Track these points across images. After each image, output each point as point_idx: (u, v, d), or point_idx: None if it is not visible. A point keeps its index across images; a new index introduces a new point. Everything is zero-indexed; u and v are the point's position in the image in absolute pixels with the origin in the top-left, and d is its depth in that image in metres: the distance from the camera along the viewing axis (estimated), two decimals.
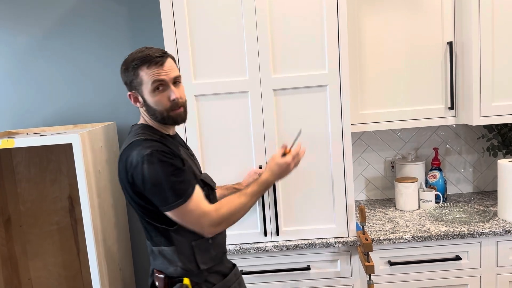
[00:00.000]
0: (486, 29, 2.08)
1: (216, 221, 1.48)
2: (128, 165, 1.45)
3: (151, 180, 1.41)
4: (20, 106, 2.55)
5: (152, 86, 1.46)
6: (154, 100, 1.48)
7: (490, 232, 1.99)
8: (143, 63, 1.46)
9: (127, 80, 1.50)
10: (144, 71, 1.46)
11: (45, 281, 2.59)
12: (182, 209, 1.44)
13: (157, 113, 1.50)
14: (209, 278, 1.57)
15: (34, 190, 2.52)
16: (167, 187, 1.41)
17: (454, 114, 2.23)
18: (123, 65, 1.50)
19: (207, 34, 1.93)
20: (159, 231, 1.52)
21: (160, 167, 1.41)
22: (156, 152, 1.42)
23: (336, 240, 2.01)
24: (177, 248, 1.52)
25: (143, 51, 1.48)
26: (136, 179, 1.44)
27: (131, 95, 1.52)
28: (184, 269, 1.53)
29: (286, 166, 1.66)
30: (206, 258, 1.55)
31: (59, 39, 2.49)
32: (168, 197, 1.42)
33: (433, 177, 2.46)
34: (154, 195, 1.44)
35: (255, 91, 1.95)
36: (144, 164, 1.41)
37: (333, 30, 1.91)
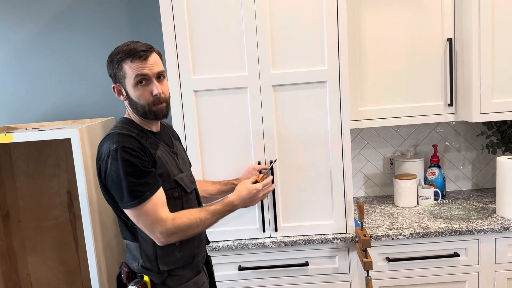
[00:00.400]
0: (486, 26, 2.07)
1: (170, 230, 1.45)
2: (98, 157, 1.48)
3: (111, 176, 1.42)
4: (19, 101, 2.54)
5: (135, 80, 1.46)
6: (136, 94, 1.47)
7: (488, 229, 1.99)
8: (127, 56, 1.45)
9: (112, 73, 1.50)
10: (128, 64, 1.45)
11: (43, 276, 2.59)
12: (136, 211, 1.43)
13: (139, 107, 1.49)
14: (168, 281, 1.53)
15: (32, 185, 2.52)
16: (124, 185, 1.41)
17: (453, 111, 2.23)
18: (108, 58, 1.50)
19: (207, 29, 1.92)
20: (126, 226, 1.53)
21: (121, 165, 1.40)
22: (122, 149, 1.41)
23: (334, 236, 2.01)
24: (140, 245, 1.52)
25: (128, 45, 1.48)
26: (101, 171, 1.46)
27: (115, 88, 1.52)
28: (144, 267, 1.52)
29: (255, 192, 1.68)
30: (168, 260, 1.52)
31: (57, 34, 2.48)
32: (124, 196, 1.42)
33: (432, 174, 2.46)
34: (113, 191, 1.45)
35: (254, 87, 1.95)
36: (109, 158, 1.42)
37: (332, 26, 1.90)
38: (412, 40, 2.19)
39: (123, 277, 1.58)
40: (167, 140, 1.64)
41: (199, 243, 1.62)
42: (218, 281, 2.04)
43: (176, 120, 1.97)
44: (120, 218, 1.54)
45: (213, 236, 2.05)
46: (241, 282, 2.07)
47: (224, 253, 2.05)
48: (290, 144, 1.99)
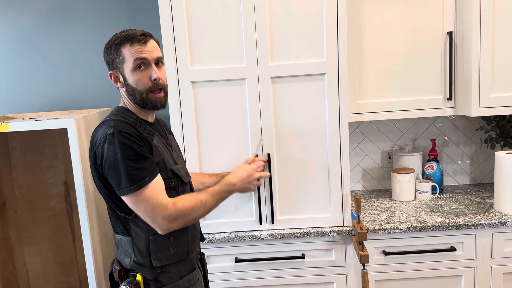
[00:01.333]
0: (486, 20, 2.06)
1: (173, 215, 1.41)
2: (93, 144, 1.44)
3: (108, 161, 1.38)
4: (16, 91, 2.53)
5: (134, 64, 1.44)
6: (135, 79, 1.45)
7: (485, 224, 1.99)
8: (126, 40, 1.44)
9: (109, 59, 1.48)
10: (127, 48, 1.43)
11: (40, 266, 2.59)
12: (136, 196, 1.39)
13: (136, 93, 1.47)
14: (160, 277, 1.50)
15: (29, 175, 2.51)
16: (122, 170, 1.37)
17: (452, 105, 2.22)
18: (106, 45, 1.49)
19: (205, 20, 1.91)
20: (119, 219, 1.49)
21: (119, 149, 1.37)
22: (119, 133, 1.38)
23: (331, 229, 2.01)
24: (133, 240, 1.48)
25: (126, 31, 1.47)
26: (97, 157, 1.41)
27: (112, 74, 1.49)
28: (136, 262, 1.48)
29: (251, 170, 1.71)
30: (162, 255, 1.49)
31: (55, 24, 2.47)
32: (122, 181, 1.38)
33: (430, 168, 2.45)
34: (110, 177, 1.40)
35: (253, 78, 1.93)
36: (105, 143, 1.38)
37: (332, 18, 1.89)
38: (412, 33, 2.18)
39: (115, 275, 1.54)
40: (162, 132, 1.62)
41: (193, 239, 1.60)
42: (215, 273, 2.05)
43: (173, 111, 1.95)
44: (112, 211, 1.50)
45: (210, 228, 2.05)
46: (237, 274, 2.07)
47: (221, 245, 2.05)
48: (287, 137, 1.98)
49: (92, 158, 1.44)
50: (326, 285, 2.07)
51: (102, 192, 1.50)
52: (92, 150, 1.44)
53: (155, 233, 1.47)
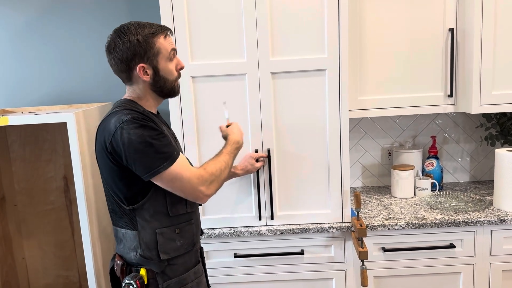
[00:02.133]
0: (488, 16, 2.05)
1: (208, 179, 1.46)
2: (106, 135, 1.40)
3: (133, 146, 1.36)
4: (16, 85, 2.52)
5: (170, 54, 1.48)
6: (169, 69, 1.49)
7: (485, 221, 1.99)
8: (161, 32, 1.46)
9: (139, 51, 1.42)
10: (161, 39, 1.46)
11: (39, 260, 2.59)
12: (170, 172, 1.39)
13: (168, 83, 1.50)
14: (167, 270, 1.50)
15: (29, 169, 2.50)
16: (151, 150, 1.36)
17: (453, 102, 2.22)
18: (132, 35, 1.42)
19: (205, 14, 1.90)
20: (125, 213, 1.48)
21: (142, 130, 1.37)
22: (136, 118, 1.38)
23: (330, 226, 2.01)
24: (139, 233, 1.48)
25: (150, 24, 1.47)
26: (116, 146, 1.38)
27: (142, 68, 1.44)
28: (143, 256, 1.48)
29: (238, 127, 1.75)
30: (169, 248, 1.49)
31: (56, 18, 2.46)
32: (154, 161, 1.37)
33: (430, 165, 2.45)
34: (137, 161, 1.37)
35: (253, 74, 1.93)
36: (124, 129, 1.36)
37: (333, 14, 1.88)
38: (413, 29, 2.17)
39: (117, 270, 1.53)
40: (165, 123, 1.64)
41: (197, 230, 1.61)
42: (214, 268, 2.05)
43: (173, 106, 1.95)
44: (117, 205, 1.49)
45: (209, 224, 2.05)
46: (237, 270, 2.07)
47: (220, 241, 2.05)
48: (288, 132, 1.98)
49: (108, 149, 1.40)
50: (325, 281, 2.08)
51: (112, 184, 1.47)
52: (106, 141, 1.40)
53: (161, 226, 1.48)
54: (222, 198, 2.03)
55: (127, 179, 1.44)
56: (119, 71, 1.48)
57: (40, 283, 2.61)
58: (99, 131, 1.46)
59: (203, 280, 1.62)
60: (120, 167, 1.42)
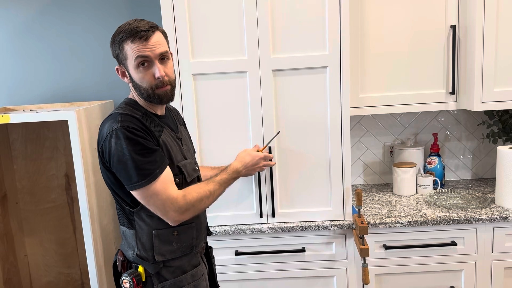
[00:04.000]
0: (490, 13, 2.04)
1: (183, 207, 1.41)
2: (99, 138, 1.42)
3: (116, 156, 1.36)
4: (17, 83, 2.52)
5: (136, 62, 1.39)
6: (139, 76, 1.41)
7: (486, 219, 1.99)
8: (128, 37, 1.38)
9: (114, 54, 1.45)
10: (129, 45, 1.38)
11: (41, 258, 2.60)
12: (146, 190, 1.37)
13: (142, 90, 1.43)
14: (163, 272, 1.49)
15: (30, 167, 2.51)
16: (131, 165, 1.35)
17: (455, 99, 2.21)
18: (111, 38, 1.44)
19: (206, 11, 1.89)
20: (124, 212, 1.49)
21: (126, 144, 1.36)
22: (125, 128, 1.36)
23: (331, 223, 2.01)
24: (137, 233, 1.48)
25: (130, 24, 1.40)
26: (104, 152, 1.40)
27: (119, 69, 1.47)
28: (139, 256, 1.48)
29: (258, 159, 1.73)
30: (165, 250, 1.48)
31: (57, 15, 2.45)
32: (132, 176, 1.36)
33: (432, 162, 2.44)
34: (119, 172, 1.39)
35: (254, 71, 1.92)
36: (112, 138, 1.37)
37: (334, 11, 1.87)
38: (415, 26, 2.16)
39: (118, 265, 1.55)
40: (172, 124, 1.59)
41: (198, 234, 1.58)
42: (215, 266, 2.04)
43: (174, 104, 1.95)
44: (118, 203, 1.50)
45: (210, 221, 2.05)
46: (238, 267, 2.07)
47: (221, 238, 2.05)
48: (289, 130, 1.97)
49: (99, 152, 1.43)
50: (326, 278, 2.08)
51: (109, 185, 1.48)
52: (99, 144, 1.43)
53: (158, 227, 1.47)
54: (223, 196, 2.00)
55: (121, 184, 1.43)
56: None
57: (42, 281, 2.62)
58: (98, 132, 1.46)
59: (202, 283, 1.58)
60: (112, 172, 1.43)
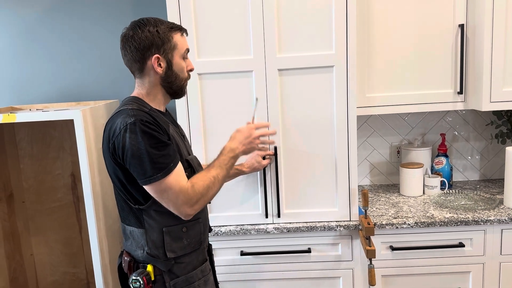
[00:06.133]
0: (499, 12, 2.02)
1: (193, 198, 1.41)
2: (111, 133, 1.41)
3: (131, 150, 1.36)
4: (23, 82, 2.53)
5: (185, 52, 1.52)
6: (181, 66, 1.51)
7: (495, 220, 1.96)
8: (179, 29, 1.51)
9: (158, 42, 1.44)
10: (179, 36, 1.50)
11: (46, 257, 2.60)
12: (160, 184, 1.38)
13: (177, 80, 1.51)
14: (174, 269, 1.50)
15: (37, 167, 2.52)
16: (147, 159, 1.36)
17: (463, 99, 2.18)
18: (151, 27, 1.44)
19: (212, 10, 1.89)
20: (132, 211, 1.48)
21: (141, 138, 1.36)
22: (140, 122, 1.37)
23: (337, 224, 1.99)
24: (146, 232, 1.47)
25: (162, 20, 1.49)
26: (117, 148, 1.39)
27: (156, 58, 1.45)
28: (150, 254, 1.48)
29: (248, 130, 1.66)
30: (175, 246, 1.49)
31: (63, 15, 2.46)
32: (147, 170, 1.36)
33: (439, 163, 2.42)
34: (133, 167, 1.38)
35: (260, 70, 1.91)
36: (126, 132, 1.36)
37: (341, 10, 1.86)
38: (422, 25, 2.14)
39: (125, 266, 1.53)
40: (173, 121, 1.63)
41: (205, 229, 1.60)
42: (220, 266, 2.04)
43: (180, 103, 1.94)
44: (124, 203, 1.49)
45: (216, 221, 2.04)
46: (243, 267, 2.06)
47: (226, 238, 2.04)
48: (295, 130, 1.96)
49: (110, 148, 1.42)
50: (332, 279, 2.06)
51: (117, 182, 1.47)
52: (110, 140, 1.41)
53: (169, 224, 1.47)
54: (228, 196, 2.02)
55: (132, 180, 1.43)
56: (132, 60, 1.47)
57: (47, 280, 2.62)
58: (106, 130, 1.46)
59: (210, 278, 1.61)
60: (124, 168, 1.42)
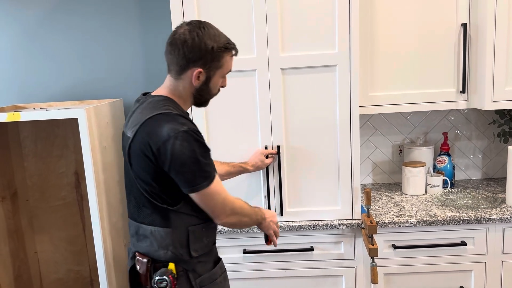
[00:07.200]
0: (502, 11, 2.02)
1: (235, 210, 1.50)
2: (155, 137, 1.37)
3: (181, 159, 1.36)
4: (27, 81, 2.54)
5: (227, 73, 1.52)
6: (217, 84, 1.52)
7: (497, 219, 1.97)
8: (233, 50, 1.50)
9: (208, 58, 1.43)
10: (229, 57, 1.50)
11: (50, 255, 2.62)
12: (207, 191, 1.41)
13: (207, 95, 1.52)
14: (197, 268, 1.51)
15: (40, 165, 2.53)
16: (196, 168, 1.37)
17: (465, 98, 2.19)
18: (210, 41, 1.43)
19: (215, 9, 1.89)
20: (158, 210, 1.46)
21: (193, 147, 1.37)
22: (192, 131, 1.38)
23: (340, 222, 2.00)
24: (172, 231, 1.46)
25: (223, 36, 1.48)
26: (162, 153, 1.36)
27: (198, 73, 1.44)
28: (175, 254, 1.47)
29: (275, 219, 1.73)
30: (198, 245, 1.50)
31: (67, 14, 2.47)
32: (195, 178, 1.39)
33: (442, 162, 2.43)
34: (180, 174, 1.38)
35: (263, 69, 1.92)
36: (177, 140, 1.35)
37: (344, 9, 1.86)
38: (425, 24, 2.14)
39: (141, 268, 1.50)
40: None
41: (216, 229, 1.62)
42: None
43: None
44: (149, 202, 1.46)
45: None
46: (246, 265, 2.07)
47: (229, 237, 2.05)
48: (297, 129, 1.97)
49: (152, 151, 1.38)
50: (334, 278, 2.07)
51: (144, 183, 1.44)
52: (152, 144, 1.37)
53: (193, 223, 1.49)
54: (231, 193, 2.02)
55: (167, 182, 1.42)
56: (175, 62, 1.45)
57: (51, 278, 2.64)
58: (142, 130, 1.40)
59: (226, 274, 1.64)
60: (162, 172, 1.40)
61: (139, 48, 2.49)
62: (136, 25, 2.46)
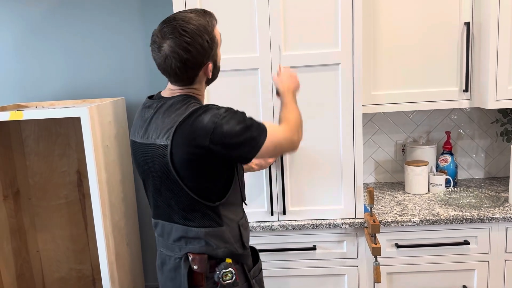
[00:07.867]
0: (505, 10, 2.01)
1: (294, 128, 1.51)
2: (202, 131, 1.34)
3: (234, 131, 1.36)
4: (30, 79, 2.54)
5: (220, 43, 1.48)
6: (220, 56, 1.50)
7: (500, 218, 1.96)
8: (215, 22, 1.45)
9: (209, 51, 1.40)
10: (216, 29, 1.46)
11: (53, 253, 2.62)
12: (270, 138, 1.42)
13: (218, 72, 1.51)
14: (247, 260, 1.55)
15: (43, 164, 2.53)
16: (253, 128, 1.39)
17: (468, 97, 2.18)
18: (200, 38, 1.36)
19: (218, 8, 1.89)
20: (210, 210, 1.44)
21: (237, 115, 1.39)
22: (228, 109, 1.40)
23: (343, 221, 2.00)
24: (227, 228, 1.48)
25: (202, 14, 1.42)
26: (216, 142, 1.35)
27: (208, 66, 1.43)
28: (230, 249, 1.48)
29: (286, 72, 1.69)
30: (246, 237, 1.55)
31: (70, 13, 2.47)
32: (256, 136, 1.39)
33: (444, 161, 2.42)
34: (242, 143, 1.38)
35: (266, 68, 1.92)
36: (223, 121, 1.35)
37: (347, 8, 1.86)
38: (428, 23, 2.14)
39: (201, 268, 1.45)
40: None
41: None
42: None
43: None
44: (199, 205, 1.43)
45: None
46: None
47: None
48: None
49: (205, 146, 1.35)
50: (337, 277, 2.07)
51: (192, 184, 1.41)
52: (204, 139, 1.34)
53: (240, 217, 1.53)
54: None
55: (215, 175, 1.42)
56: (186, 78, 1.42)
57: (54, 276, 2.64)
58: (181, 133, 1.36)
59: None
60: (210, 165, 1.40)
61: (142, 47, 2.49)
62: (139, 23, 2.46)
